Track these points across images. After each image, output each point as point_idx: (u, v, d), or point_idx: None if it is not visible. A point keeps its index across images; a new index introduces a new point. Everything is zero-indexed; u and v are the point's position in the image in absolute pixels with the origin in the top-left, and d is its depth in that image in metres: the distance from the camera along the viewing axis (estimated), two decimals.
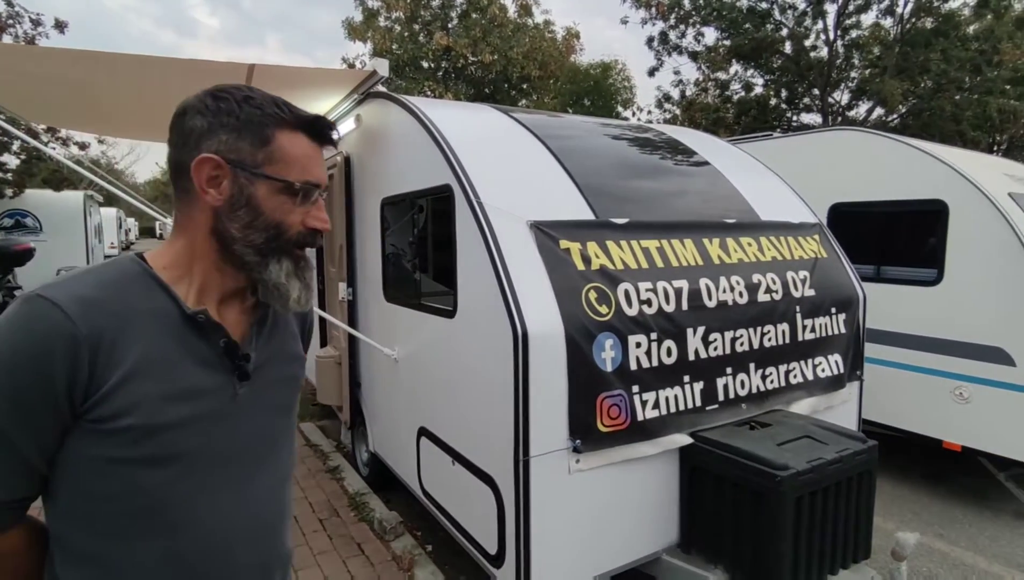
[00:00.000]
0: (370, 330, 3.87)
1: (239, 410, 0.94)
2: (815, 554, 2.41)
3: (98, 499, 0.84)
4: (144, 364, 0.84)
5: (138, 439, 0.83)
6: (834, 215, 4.82)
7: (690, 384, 2.64)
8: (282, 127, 0.90)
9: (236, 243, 0.90)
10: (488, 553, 2.51)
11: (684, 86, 14.27)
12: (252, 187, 0.89)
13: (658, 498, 2.62)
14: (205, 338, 0.90)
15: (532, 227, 2.48)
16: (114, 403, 0.82)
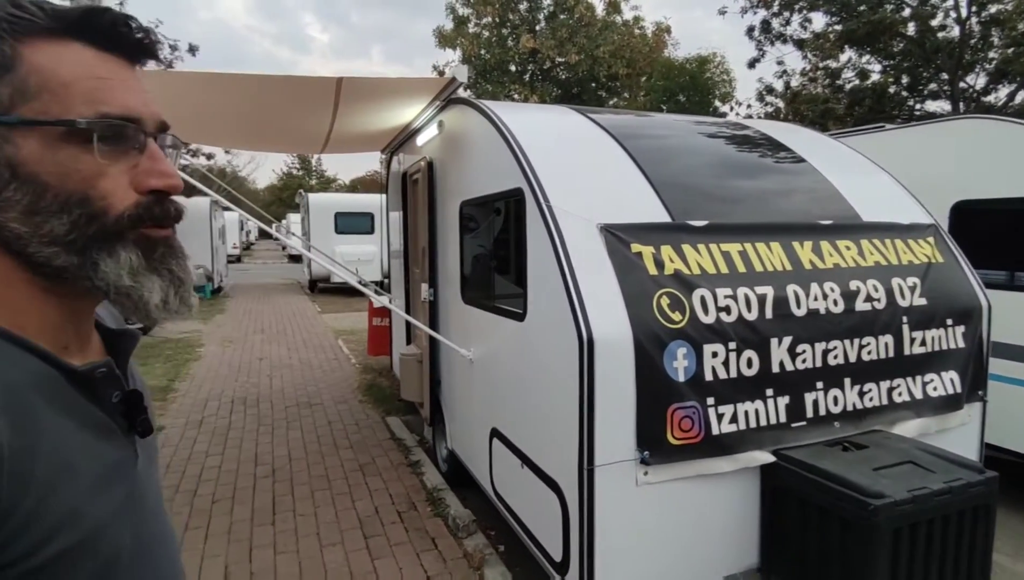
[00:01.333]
0: (449, 330, 3.96)
1: (142, 478, 0.68)
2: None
3: None
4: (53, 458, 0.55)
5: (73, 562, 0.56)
6: (958, 215, 4.30)
7: (773, 398, 2.47)
8: (31, 36, 0.55)
9: (28, 244, 0.56)
10: (553, 559, 2.48)
11: (788, 77, 13.39)
12: (11, 146, 0.55)
13: (736, 518, 2.47)
14: (93, 397, 0.62)
15: (602, 230, 2.42)
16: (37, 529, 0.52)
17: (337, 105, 3.74)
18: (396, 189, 5.76)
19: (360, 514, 3.63)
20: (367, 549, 3.24)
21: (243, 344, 8.96)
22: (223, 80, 3.37)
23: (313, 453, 4.61)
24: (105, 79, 0.58)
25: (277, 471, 4.27)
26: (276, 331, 10.14)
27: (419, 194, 4.38)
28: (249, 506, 3.72)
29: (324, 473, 4.23)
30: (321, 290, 16.12)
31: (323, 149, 5.25)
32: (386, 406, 5.81)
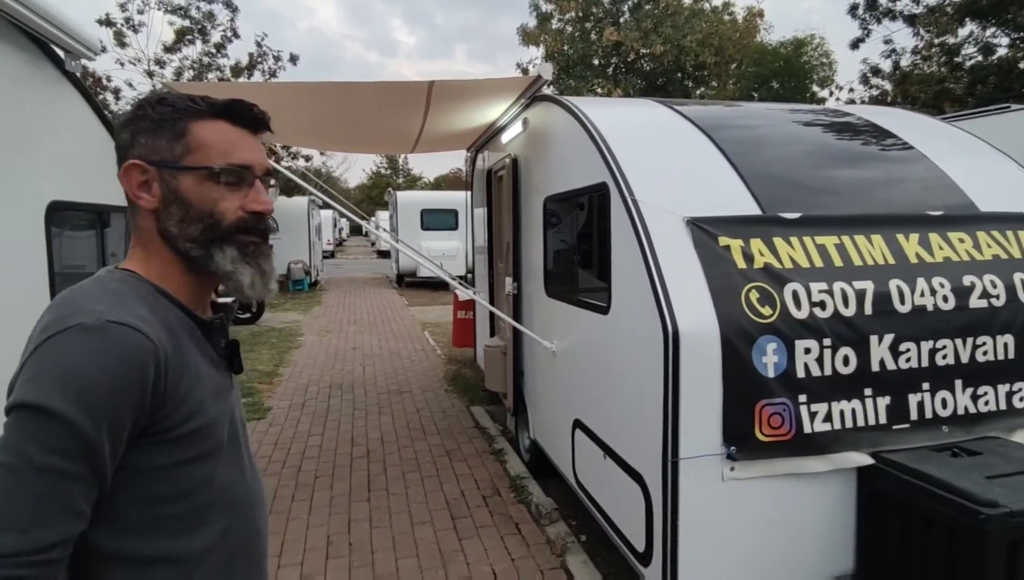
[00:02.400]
0: (532, 323, 4.06)
1: (235, 400, 1.02)
2: None
3: (163, 502, 0.86)
4: (195, 371, 0.89)
5: (197, 439, 0.88)
6: None
7: (872, 398, 2.35)
8: (196, 117, 0.90)
9: (178, 241, 0.90)
10: (636, 550, 2.51)
11: (898, 56, 12.35)
12: (176, 182, 0.89)
13: (830, 522, 2.38)
14: (211, 340, 0.96)
15: (689, 223, 2.41)
16: (183, 410, 0.85)
17: (428, 107, 3.93)
18: (481, 186, 5.93)
19: (447, 496, 3.81)
20: (454, 529, 3.40)
21: (338, 334, 9.54)
22: (322, 88, 3.64)
23: (403, 437, 4.87)
24: (233, 141, 0.92)
25: (371, 452, 4.56)
26: (367, 322, 10.71)
27: (504, 190, 4.50)
28: (347, 482, 4.01)
29: (414, 456, 4.47)
30: (408, 284, 16.79)
31: (413, 149, 5.51)
32: (470, 396, 6.01)
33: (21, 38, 2.18)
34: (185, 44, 13.10)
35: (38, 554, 0.72)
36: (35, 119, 2.27)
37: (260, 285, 0.95)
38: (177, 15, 13.02)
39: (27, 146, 2.20)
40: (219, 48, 13.46)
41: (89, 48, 2.43)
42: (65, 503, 0.75)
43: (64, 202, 2.43)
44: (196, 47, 13.39)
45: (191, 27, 13.10)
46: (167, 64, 13.09)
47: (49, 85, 2.37)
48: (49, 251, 2.28)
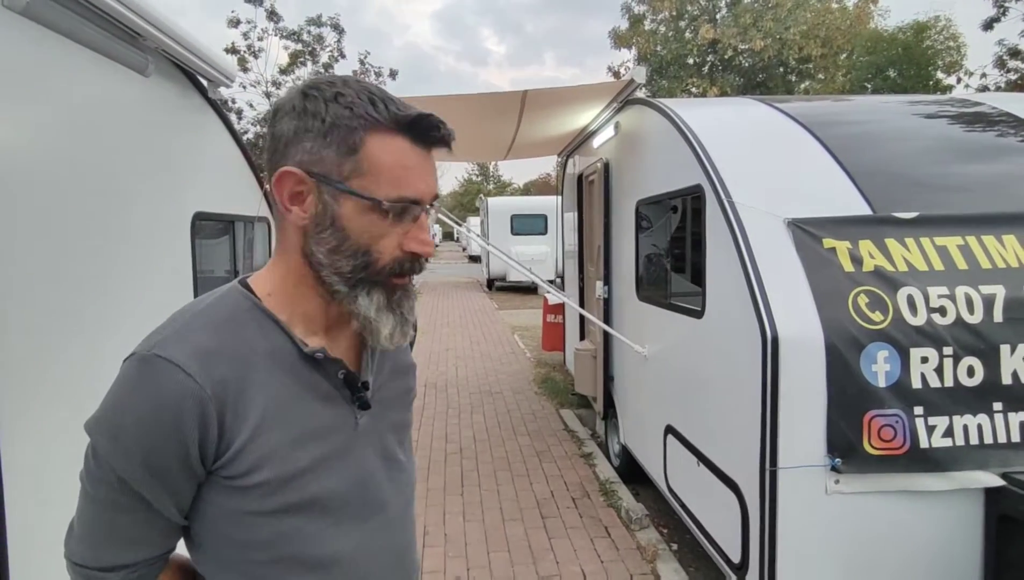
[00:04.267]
0: (623, 326, 4.04)
1: (361, 439, 0.86)
2: None
3: (242, 547, 0.78)
4: (271, 412, 0.76)
5: (273, 491, 0.76)
6: None
7: (1003, 413, 2.15)
8: (375, 130, 0.74)
9: (324, 269, 0.77)
10: (731, 560, 2.44)
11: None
12: (337, 205, 0.75)
13: (952, 547, 2.20)
14: (322, 372, 0.81)
15: (789, 225, 2.32)
16: (246, 460, 0.74)
17: (521, 115, 4.04)
18: (571, 190, 5.98)
19: (537, 496, 3.88)
20: (544, 528, 3.47)
21: (433, 335, 9.94)
22: (426, 102, 3.86)
23: (495, 437, 5.01)
24: (409, 168, 0.77)
25: (464, 449, 4.73)
26: (460, 325, 11.06)
27: (595, 194, 4.52)
28: (442, 477, 4.19)
29: (504, 455, 4.59)
30: (498, 288, 17.12)
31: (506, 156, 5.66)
32: (559, 399, 6.06)
33: (174, 70, 2.51)
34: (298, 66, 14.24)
35: (102, 571, 0.77)
36: (185, 141, 2.62)
37: (399, 336, 0.81)
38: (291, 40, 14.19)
39: (178, 164, 2.53)
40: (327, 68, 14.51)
41: (227, 76, 2.75)
42: (118, 532, 0.76)
43: (205, 213, 2.76)
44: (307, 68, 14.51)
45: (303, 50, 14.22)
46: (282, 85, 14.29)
47: (196, 111, 2.71)
48: (193, 255, 2.61)
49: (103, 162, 1.93)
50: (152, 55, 2.15)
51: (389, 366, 0.94)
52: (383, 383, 0.91)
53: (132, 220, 2.11)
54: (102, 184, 1.92)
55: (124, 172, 2.07)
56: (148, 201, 2.24)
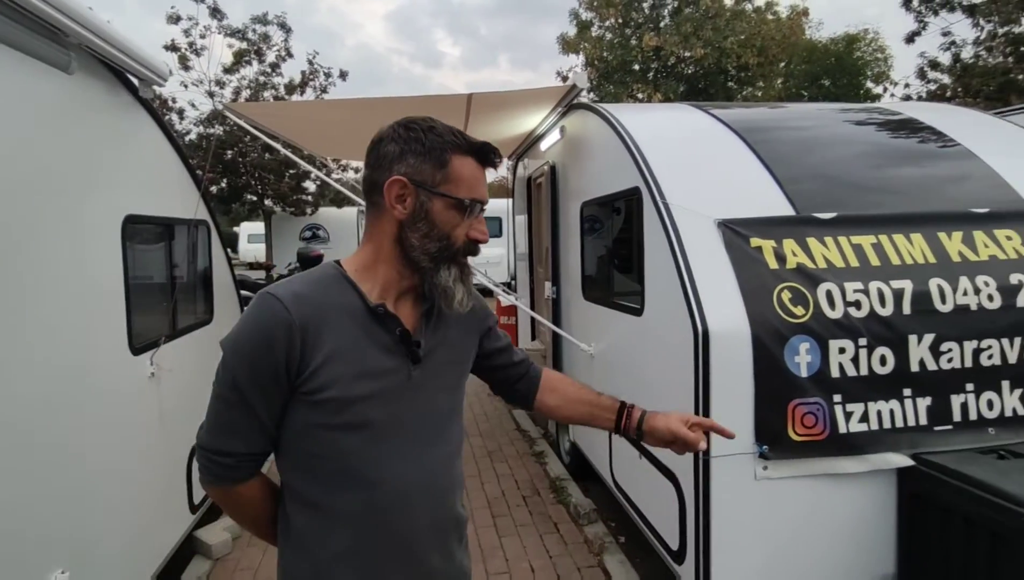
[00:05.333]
0: (571, 326, 4.13)
1: (413, 388, 1.09)
2: None
3: (313, 457, 1.04)
4: (339, 348, 1.02)
5: (337, 409, 1.02)
6: None
7: (912, 399, 2.32)
8: (457, 152, 1.05)
9: (415, 251, 1.06)
10: (670, 548, 2.54)
11: (958, 48, 11.79)
12: (430, 203, 1.05)
13: (869, 524, 2.35)
14: (384, 327, 1.06)
15: (720, 225, 2.44)
16: (318, 379, 1.00)
17: (468, 117, 4.08)
18: (522, 193, 6.05)
19: (488, 496, 3.91)
20: (495, 527, 3.50)
21: None
22: (369, 104, 3.84)
23: None
24: (477, 178, 1.09)
25: None
26: None
27: (542, 196, 4.60)
28: None
29: None
30: None
31: None
32: None
33: (101, 68, 2.43)
34: (243, 65, 13.81)
35: (216, 454, 1.05)
36: (113, 141, 2.53)
37: (467, 301, 1.10)
38: (236, 38, 13.76)
39: (105, 165, 2.45)
40: (274, 67, 14.12)
41: (159, 76, 2.68)
42: (229, 425, 1.04)
43: (138, 216, 2.68)
44: (253, 67, 14.11)
45: (248, 49, 13.81)
46: (227, 84, 13.84)
47: (125, 110, 2.62)
48: (125, 259, 2.52)
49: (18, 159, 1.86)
50: (76, 52, 2.08)
51: (444, 339, 1.17)
52: (437, 349, 1.15)
53: (51, 221, 2.04)
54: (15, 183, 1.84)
55: (42, 171, 1.99)
56: (70, 202, 2.17)
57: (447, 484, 1.16)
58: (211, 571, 3.08)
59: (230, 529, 3.35)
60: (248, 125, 4.01)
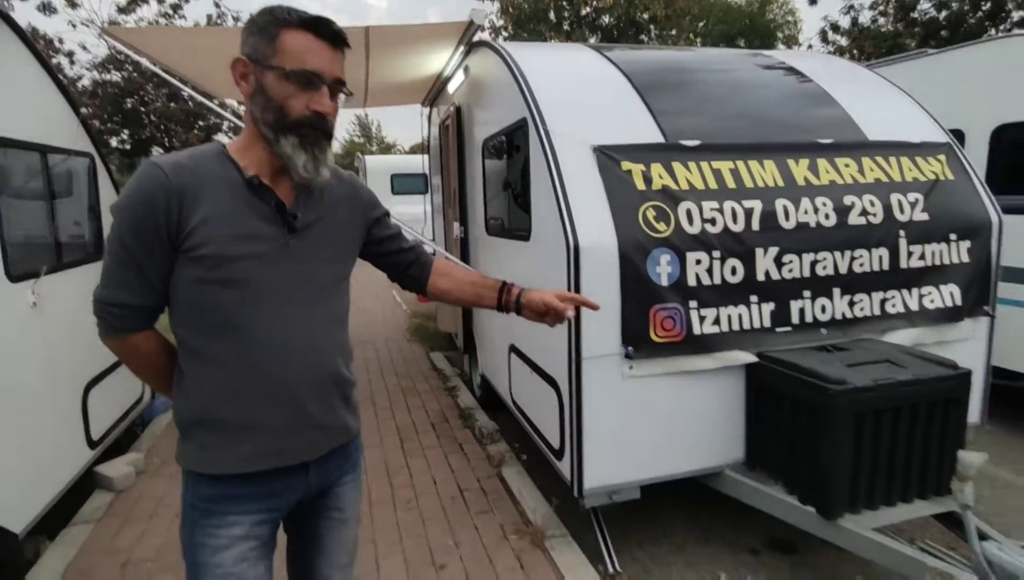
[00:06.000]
0: (479, 263, 4.28)
1: (292, 256, 1.23)
2: (881, 478, 2.33)
3: (197, 309, 1.18)
4: (217, 212, 1.16)
5: (215, 265, 1.15)
6: (1000, 137, 4.16)
7: (758, 304, 2.64)
8: (286, 27, 1.14)
9: (259, 123, 1.18)
10: (553, 447, 2.80)
11: (856, 12, 12.54)
12: (263, 77, 1.16)
13: (722, 415, 2.69)
14: (261, 198, 1.20)
15: (595, 150, 2.63)
16: (196, 237, 1.14)
17: (368, 54, 4.04)
18: (436, 140, 6.07)
19: (398, 424, 4.08)
20: (402, 450, 3.68)
21: None
22: None
23: (362, 379, 5.11)
24: (311, 51, 1.16)
25: None
26: None
27: (449, 138, 4.66)
28: None
29: (370, 394, 4.73)
30: None
31: (365, 102, 5.60)
32: (431, 343, 6.26)
33: None
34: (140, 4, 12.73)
35: (107, 305, 1.20)
36: None
37: (312, 168, 1.19)
38: None
39: None
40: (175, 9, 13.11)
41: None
42: (118, 278, 1.18)
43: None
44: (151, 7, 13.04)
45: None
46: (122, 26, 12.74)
47: None
48: None
49: None
50: None
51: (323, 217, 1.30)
52: (316, 225, 1.28)
53: None
54: None
55: None
56: None
57: (326, 344, 1.29)
58: (112, 503, 3.09)
59: (134, 463, 3.35)
60: (133, 53, 3.80)
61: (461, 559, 2.60)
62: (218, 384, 1.21)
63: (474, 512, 2.98)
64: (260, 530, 1.28)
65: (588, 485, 2.55)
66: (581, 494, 2.56)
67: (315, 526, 1.43)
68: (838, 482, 2.27)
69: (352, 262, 1.43)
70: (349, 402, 1.40)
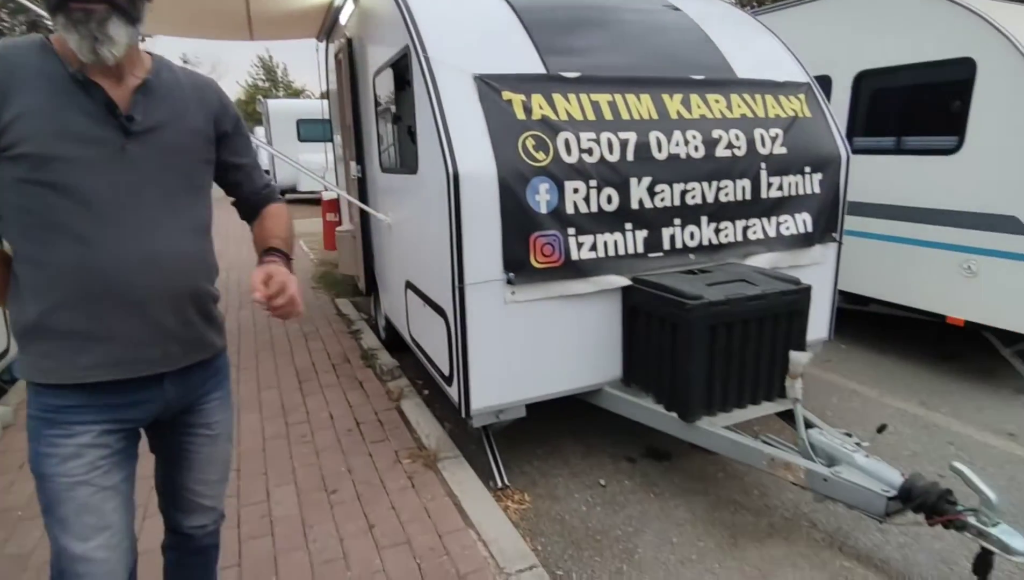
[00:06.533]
0: (376, 202, 4.22)
1: (130, 163, 1.17)
2: (733, 384, 2.60)
3: (26, 213, 1.13)
4: (35, 107, 1.09)
5: (37, 165, 1.10)
6: (860, 83, 4.53)
7: (632, 231, 2.80)
8: None
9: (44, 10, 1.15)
10: (444, 374, 2.89)
11: None
12: None
13: (601, 336, 2.87)
14: (88, 95, 1.13)
15: (476, 79, 2.63)
16: (11, 135, 1.08)
17: None
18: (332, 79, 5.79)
19: (298, 367, 4.04)
20: (300, 390, 3.67)
21: None
22: None
23: (260, 326, 4.98)
24: None
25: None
26: (233, 236, 10.21)
27: (342, 72, 4.48)
28: None
29: (269, 339, 4.62)
30: (290, 201, 16.02)
31: (252, 34, 5.22)
32: (337, 290, 6.16)
33: None
34: None
35: None
36: None
37: (87, 50, 1.10)
38: None
39: None
40: None
41: None
42: None
43: None
44: None
45: None
46: None
47: None
48: None
49: None
50: None
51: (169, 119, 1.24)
52: (161, 129, 1.22)
53: None
54: None
55: None
56: None
57: (179, 255, 1.25)
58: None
59: (1, 417, 3.14)
60: None
61: (353, 483, 2.68)
62: (55, 293, 1.17)
63: (369, 442, 3.05)
64: (110, 439, 1.26)
65: (475, 406, 2.68)
66: (469, 415, 2.69)
67: (182, 443, 1.43)
68: (696, 389, 2.52)
69: (209, 172, 1.38)
70: (211, 317, 1.39)
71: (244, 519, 2.42)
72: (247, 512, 2.47)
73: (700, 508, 2.65)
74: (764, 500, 2.71)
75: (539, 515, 2.62)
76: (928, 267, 4.10)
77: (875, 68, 4.42)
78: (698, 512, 2.62)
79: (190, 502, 1.48)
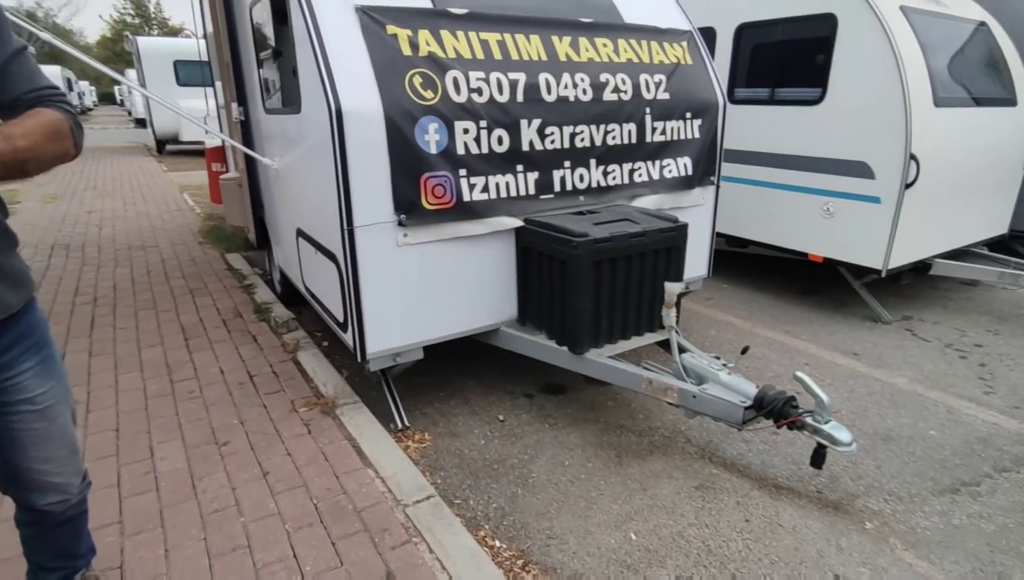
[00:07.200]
0: (261, 147, 3.97)
1: None
2: (617, 316, 2.77)
3: None
4: None
5: None
6: (740, 35, 4.78)
7: (523, 173, 2.85)
8: None
9: None
10: (339, 321, 2.85)
11: None
12: None
13: (496, 277, 2.93)
14: None
15: (358, 11, 2.51)
16: None
17: None
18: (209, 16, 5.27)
19: (184, 324, 3.81)
20: (186, 347, 3.47)
21: (70, 200, 8.23)
22: None
23: (141, 284, 4.62)
24: None
25: (99, 299, 4.27)
26: (112, 188, 9.34)
27: (217, 6, 4.09)
28: (65, 325, 3.77)
29: (151, 297, 4.31)
30: (171, 152, 14.73)
31: None
32: (227, 245, 5.80)
33: None
34: None
35: None
36: None
37: None
38: None
39: None
40: None
41: None
42: None
43: None
44: None
45: None
46: None
47: None
48: None
49: None
50: None
51: None
52: None
53: None
54: None
55: None
56: None
57: None
58: None
59: None
60: None
61: (247, 434, 2.61)
62: None
63: (263, 393, 2.97)
64: None
65: (371, 349, 2.67)
66: (365, 359, 2.68)
67: (6, 423, 1.29)
68: (583, 323, 2.66)
69: None
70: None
71: (124, 477, 2.31)
72: (128, 470, 2.35)
73: (590, 434, 2.84)
74: (647, 422, 2.95)
75: (439, 451, 2.70)
76: (795, 210, 4.50)
77: (753, 21, 4.66)
78: (588, 437, 2.81)
79: (37, 482, 1.38)
